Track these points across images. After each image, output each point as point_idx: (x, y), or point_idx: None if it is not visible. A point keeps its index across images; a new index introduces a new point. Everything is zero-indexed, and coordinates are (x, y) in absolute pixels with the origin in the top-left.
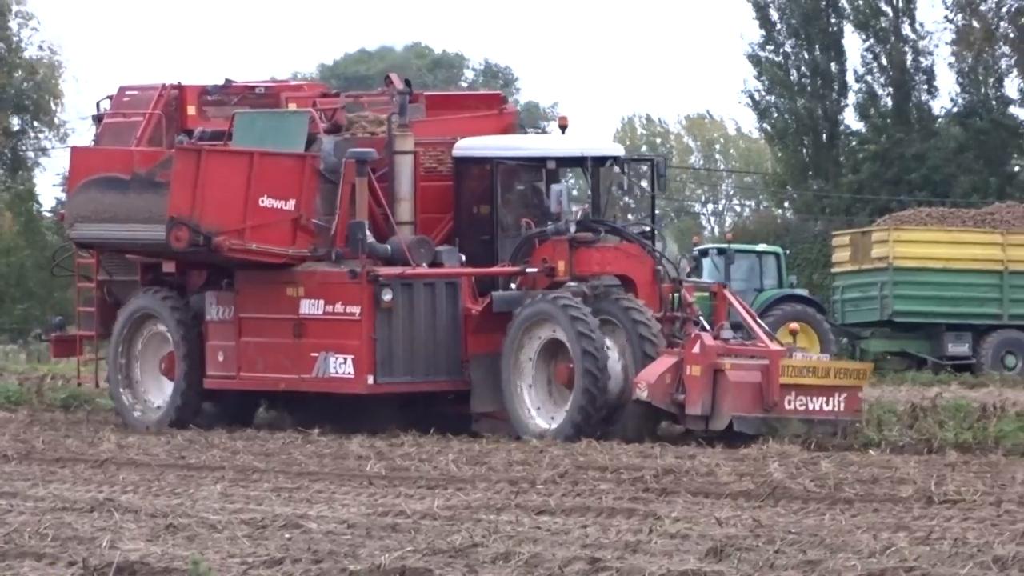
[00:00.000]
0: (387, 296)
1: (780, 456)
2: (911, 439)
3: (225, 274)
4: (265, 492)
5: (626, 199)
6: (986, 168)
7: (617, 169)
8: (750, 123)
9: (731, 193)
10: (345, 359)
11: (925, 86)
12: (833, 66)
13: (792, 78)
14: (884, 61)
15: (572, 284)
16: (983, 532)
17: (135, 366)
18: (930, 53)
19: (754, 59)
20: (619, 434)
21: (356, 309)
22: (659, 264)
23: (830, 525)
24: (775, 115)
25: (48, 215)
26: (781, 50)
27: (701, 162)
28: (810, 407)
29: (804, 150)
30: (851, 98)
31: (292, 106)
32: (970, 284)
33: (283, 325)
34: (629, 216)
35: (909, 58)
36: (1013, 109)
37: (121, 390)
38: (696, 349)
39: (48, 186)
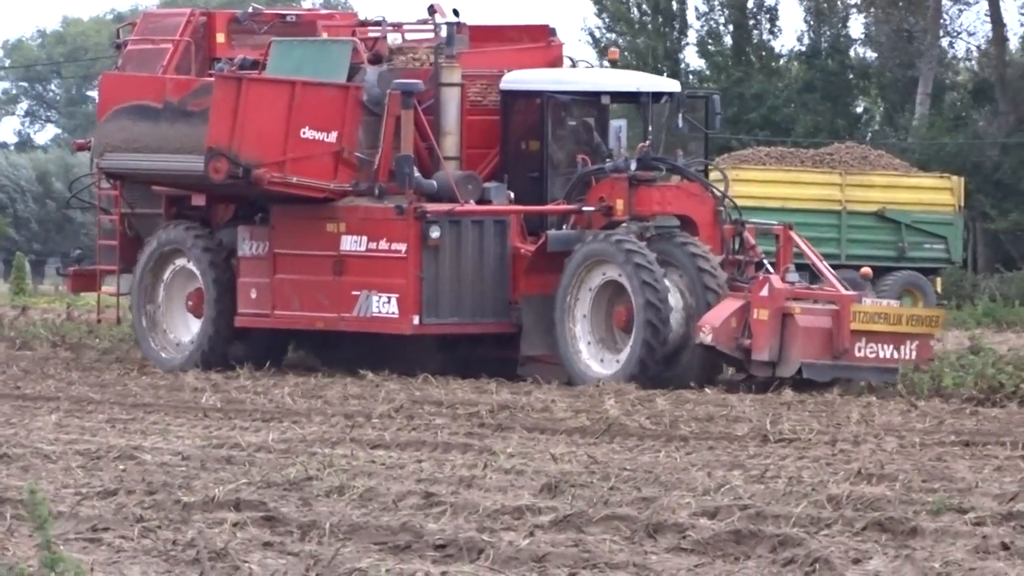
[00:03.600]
0: (435, 233)
1: (616, 393)
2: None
3: (256, 208)
4: (100, 423)
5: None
6: (832, 109)
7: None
8: (591, 60)
9: None
10: (389, 298)
11: (768, 25)
12: (674, 4)
13: (633, 16)
14: None
15: (627, 224)
16: (818, 471)
17: (160, 303)
18: None
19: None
20: (679, 380)
21: (402, 246)
22: (721, 204)
23: (665, 462)
24: None
25: None
26: None
27: None
28: (881, 355)
29: None
30: (692, 36)
31: (324, 35)
32: (808, 224)
33: (322, 262)
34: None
35: None
36: (857, 49)
37: (145, 328)
38: (764, 292)
39: None
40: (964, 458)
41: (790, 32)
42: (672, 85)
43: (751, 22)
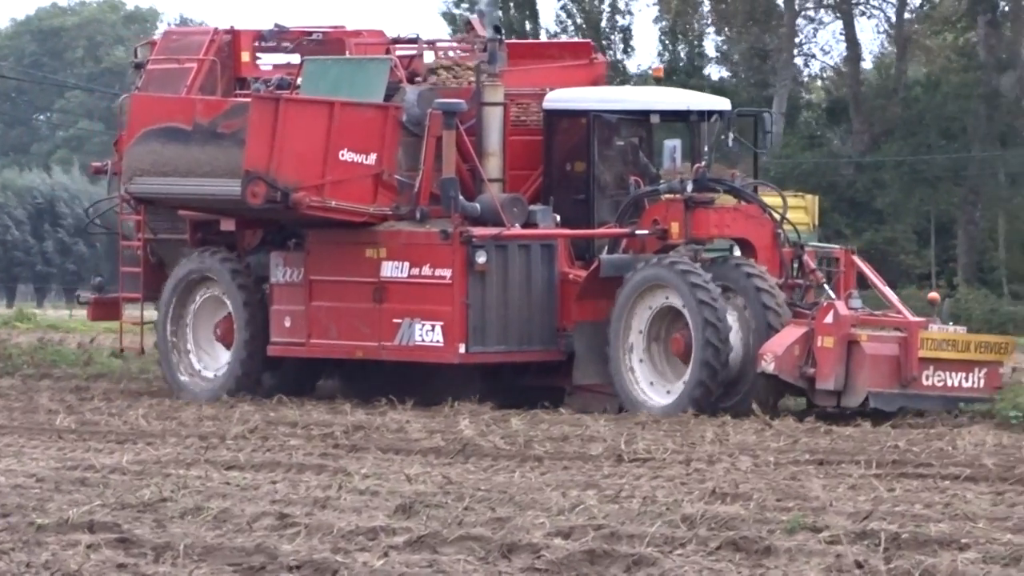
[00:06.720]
0: (481, 259)
1: (471, 413)
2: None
3: (287, 233)
4: None
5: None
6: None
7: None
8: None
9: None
10: (433, 326)
11: (622, 45)
12: (528, 24)
13: None
14: (579, 20)
15: (680, 247)
16: (672, 490)
17: (187, 332)
18: (630, 13)
19: (448, 17)
20: (739, 409)
21: (447, 272)
22: (779, 227)
23: (520, 482)
24: None
25: None
26: (476, 8)
27: None
28: (949, 383)
29: None
30: None
31: (349, 52)
32: None
33: (361, 289)
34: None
35: (605, 18)
36: (710, 69)
37: (172, 358)
38: (829, 319)
39: None
40: (818, 477)
41: (644, 52)
42: (723, 103)
43: (605, 42)
